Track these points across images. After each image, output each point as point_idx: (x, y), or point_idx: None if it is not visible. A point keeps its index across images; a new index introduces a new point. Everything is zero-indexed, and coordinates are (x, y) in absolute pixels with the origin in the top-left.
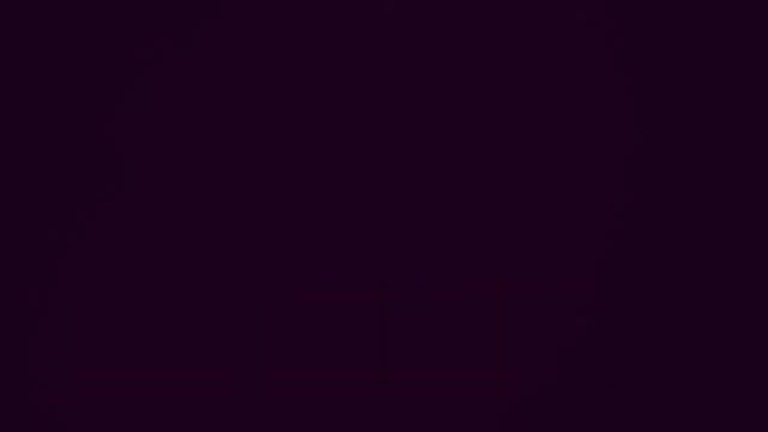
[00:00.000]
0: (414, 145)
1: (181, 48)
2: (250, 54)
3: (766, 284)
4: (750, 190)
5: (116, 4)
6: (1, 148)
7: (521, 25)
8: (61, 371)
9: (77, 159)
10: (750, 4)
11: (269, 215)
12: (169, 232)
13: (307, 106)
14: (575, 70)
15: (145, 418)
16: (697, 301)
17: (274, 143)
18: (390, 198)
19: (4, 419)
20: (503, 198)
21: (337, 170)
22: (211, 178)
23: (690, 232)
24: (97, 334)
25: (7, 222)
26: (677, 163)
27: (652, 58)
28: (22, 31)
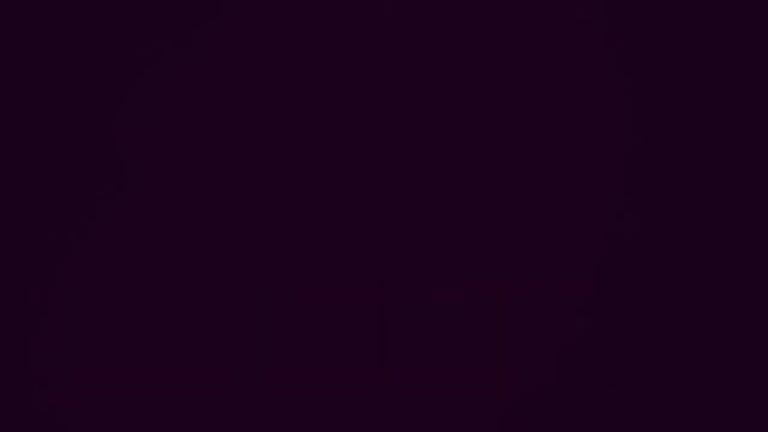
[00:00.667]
0: (414, 145)
1: (181, 48)
2: (250, 54)
3: (766, 284)
4: (750, 189)
5: (116, 4)
6: (2, 148)
7: (521, 25)
8: (61, 371)
9: (77, 159)
10: (750, 4)
11: (269, 215)
12: (169, 232)
13: (307, 106)
14: (575, 70)
15: (145, 418)
16: (697, 301)
17: (274, 143)
18: (390, 198)
19: (4, 419)
20: (503, 198)
21: (336, 170)
22: (211, 178)
23: (690, 232)
24: (97, 334)
25: (7, 222)
26: (677, 163)
27: (652, 58)
28: (22, 31)
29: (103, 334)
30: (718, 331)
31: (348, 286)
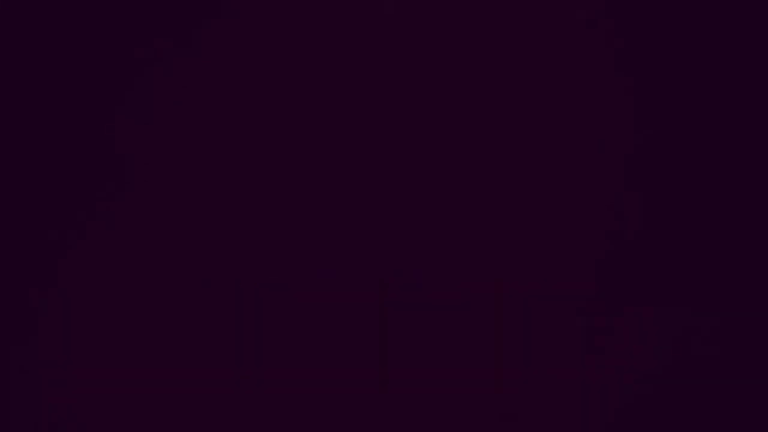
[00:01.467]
0: (414, 145)
1: (181, 48)
2: (250, 54)
3: (767, 284)
4: (750, 189)
5: (116, 4)
6: (1, 148)
7: (521, 25)
8: (61, 371)
9: (77, 159)
10: (750, 4)
11: (269, 215)
12: (169, 232)
13: (307, 106)
14: (575, 70)
15: (145, 418)
16: (697, 300)
17: (274, 143)
18: (390, 198)
19: (5, 419)
20: (503, 198)
21: (336, 170)
22: (211, 178)
23: (690, 232)
24: (97, 334)
25: (7, 222)
26: (677, 163)
27: (652, 58)
28: (22, 31)
29: (103, 334)
30: (718, 330)
31: (348, 286)
